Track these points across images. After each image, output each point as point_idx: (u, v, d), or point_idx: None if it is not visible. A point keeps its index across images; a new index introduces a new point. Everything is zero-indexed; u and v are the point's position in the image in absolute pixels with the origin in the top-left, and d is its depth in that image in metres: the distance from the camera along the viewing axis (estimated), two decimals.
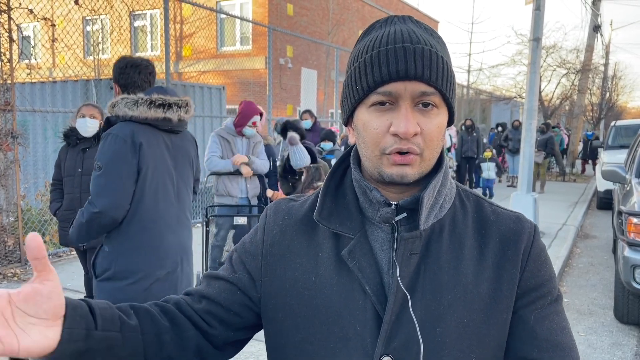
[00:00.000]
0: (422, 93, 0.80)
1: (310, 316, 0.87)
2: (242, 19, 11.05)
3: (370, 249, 0.86)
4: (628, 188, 5.36)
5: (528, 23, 11.68)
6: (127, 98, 2.30)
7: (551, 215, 9.41)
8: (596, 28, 19.27)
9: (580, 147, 18.82)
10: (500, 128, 16.19)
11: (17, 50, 5.87)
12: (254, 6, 15.74)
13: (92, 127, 3.85)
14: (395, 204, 0.86)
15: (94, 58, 11.42)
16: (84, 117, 3.85)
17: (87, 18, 15.84)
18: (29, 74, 6.63)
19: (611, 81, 26.71)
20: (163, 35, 7.31)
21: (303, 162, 5.10)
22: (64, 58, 12.89)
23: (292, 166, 5.20)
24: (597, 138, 17.93)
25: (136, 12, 16.03)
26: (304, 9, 17.14)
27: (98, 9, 8.12)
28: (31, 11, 5.90)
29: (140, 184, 2.28)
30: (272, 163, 5.15)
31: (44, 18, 6.21)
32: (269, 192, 4.85)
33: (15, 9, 5.66)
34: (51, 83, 8.30)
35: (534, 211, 7.10)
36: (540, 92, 17.34)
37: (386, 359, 0.81)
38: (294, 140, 5.11)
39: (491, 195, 11.21)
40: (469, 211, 0.91)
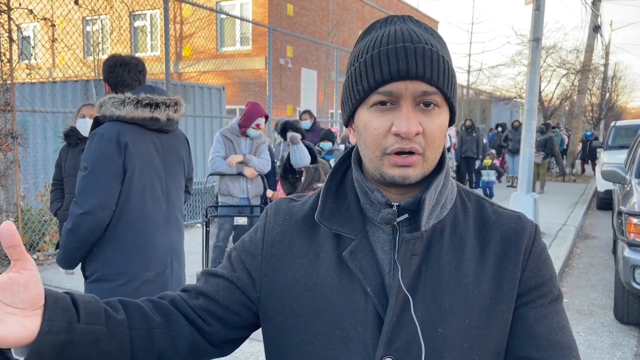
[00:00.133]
0: (424, 92, 0.79)
1: (310, 317, 0.86)
2: (242, 19, 11.06)
3: (371, 250, 0.86)
4: (628, 188, 5.36)
5: (528, 23, 11.68)
6: (115, 97, 2.27)
7: (551, 215, 9.41)
8: (596, 28, 19.27)
9: (579, 148, 18.82)
10: (500, 128, 16.18)
11: (17, 50, 5.87)
12: (254, 6, 15.74)
13: None
14: (396, 205, 0.86)
15: (94, 58, 11.40)
16: (84, 117, 3.85)
17: (87, 18, 15.81)
18: (29, 74, 6.64)
19: (611, 81, 26.72)
20: (163, 35, 7.31)
21: (303, 162, 5.10)
22: (64, 58, 12.89)
23: (293, 165, 5.20)
24: (597, 138, 17.93)
25: (136, 13, 16.01)
26: (304, 9, 17.14)
27: (98, 9, 8.11)
28: (31, 11, 5.90)
29: (126, 184, 2.24)
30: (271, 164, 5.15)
31: (44, 18, 6.22)
32: (269, 192, 4.86)
33: (15, 9, 5.66)
34: (51, 83, 8.28)
35: (534, 211, 7.10)
36: (540, 93, 17.33)
37: None
38: (295, 139, 5.11)
39: (491, 195, 11.21)
40: (470, 211, 0.91)
